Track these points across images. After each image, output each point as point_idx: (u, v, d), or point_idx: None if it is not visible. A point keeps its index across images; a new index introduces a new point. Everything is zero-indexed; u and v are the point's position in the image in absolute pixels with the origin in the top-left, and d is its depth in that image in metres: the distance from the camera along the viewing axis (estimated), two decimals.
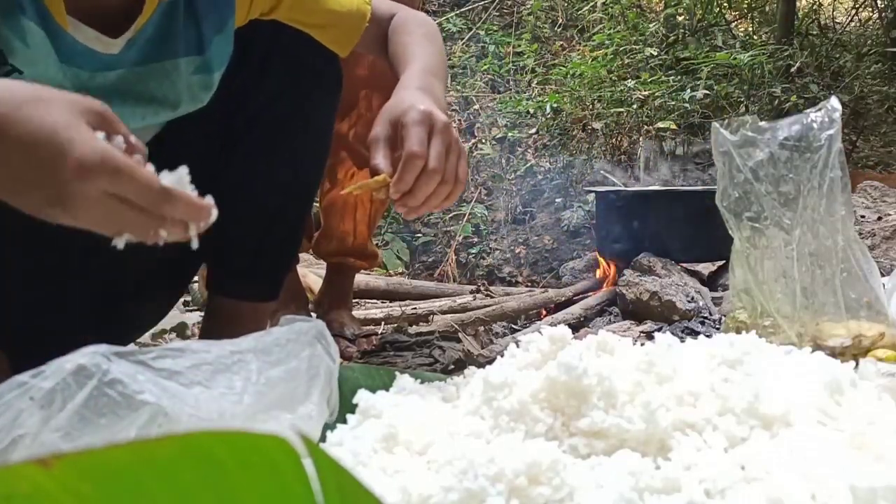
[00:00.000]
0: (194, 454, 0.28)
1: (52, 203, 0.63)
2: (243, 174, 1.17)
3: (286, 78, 1.16)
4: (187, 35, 1.01)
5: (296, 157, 1.20)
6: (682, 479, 0.56)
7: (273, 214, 1.21)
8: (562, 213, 3.29)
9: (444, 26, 4.11)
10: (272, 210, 1.20)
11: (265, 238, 1.21)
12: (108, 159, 0.62)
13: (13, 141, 0.62)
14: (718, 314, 1.91)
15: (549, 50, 4.16)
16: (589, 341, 0.73)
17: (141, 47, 0.98)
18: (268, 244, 1.22)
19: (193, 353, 0.66)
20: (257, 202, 1.18)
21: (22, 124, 0.62)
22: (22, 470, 0.26)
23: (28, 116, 0.63)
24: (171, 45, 1.00)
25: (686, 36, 3.82)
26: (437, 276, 3.19)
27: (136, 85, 0.99)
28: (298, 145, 1.20)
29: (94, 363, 0.61)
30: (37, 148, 0.62)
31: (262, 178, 1.18)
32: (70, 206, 0.62)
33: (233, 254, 1.20)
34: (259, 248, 1.21)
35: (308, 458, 0.28)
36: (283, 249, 1.29)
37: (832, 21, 4.54)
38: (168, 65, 1.01)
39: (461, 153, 0.93)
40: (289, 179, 1.21)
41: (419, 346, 1.64)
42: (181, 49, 1.01)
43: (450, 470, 0.57)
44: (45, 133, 0.62)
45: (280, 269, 1.28)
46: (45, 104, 0.64)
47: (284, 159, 1.19)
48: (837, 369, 0.70)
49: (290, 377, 0.70)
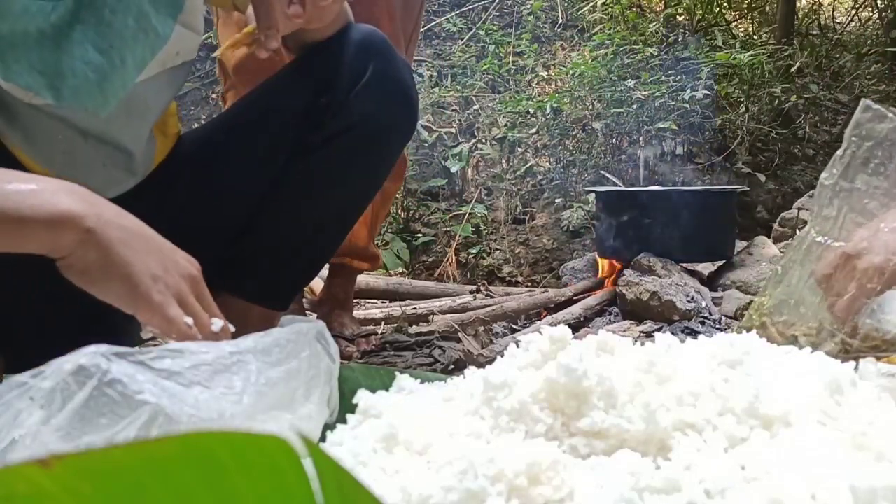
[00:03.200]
0: (194, 454, 0.28)
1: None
2: (301, 187, 1.18)
3: (371, 108, 1.16)
4: None
5: (355, 186, 1.22)
6: (682, 479, 0.56)
7: (314, 234, 1.22)
8: (562, 213, 3.29)
9: (444, 26, 4.11)
10: (315, 229, 1.21)
11: (300, 253, 1.22)
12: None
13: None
14: (718, 314, 1.91)
15: (549, 50, 4.16)
16: (589, 341, 0.73)
17: None
18: (299, 259, 1.23)
19: (193, 354, 0.66)
20: (304, 218, 1.19)
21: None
22: (22, 470, 0.26)
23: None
24: None
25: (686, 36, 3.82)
26: (437, 276, 3.19)
27: (90, 8, 0.95)
28: (360, 175, 1.22)
29: (94, 363, 0.61)
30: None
31: (317, 197, 1.19)
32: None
33: (262, 259, 1.20)
34: (290, 261, 1.22)
35: (308, 458, 0.28)
36: (312, 268, 1.30)
37: (832, 21, 4.54)
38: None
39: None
40: (341, 205, 1.22)
41: (419, 346, 1.64)
42: None
43: (450, 470, 0.57)
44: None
45: (302, 284, 1.29)
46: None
47: (344, 185, 1.20)
48: (837, 369, 0.70)
49: (290, 377, 0.70)
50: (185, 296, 0.78)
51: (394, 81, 1.17)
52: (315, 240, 1.23)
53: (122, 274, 0.74)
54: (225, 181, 1.18)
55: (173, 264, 0.79)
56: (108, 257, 0.74)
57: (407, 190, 3.40)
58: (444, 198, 3.48)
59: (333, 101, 1.13)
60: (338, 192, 1.20)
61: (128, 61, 0.98)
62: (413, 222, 3.38)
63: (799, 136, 3.63)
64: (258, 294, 1.19)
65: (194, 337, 0.75)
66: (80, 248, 0.73)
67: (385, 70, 1.15)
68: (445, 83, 3.87)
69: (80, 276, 0.74)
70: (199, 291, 0.81)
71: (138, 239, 0.77)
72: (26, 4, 0.89)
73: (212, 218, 1.19)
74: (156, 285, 0.75)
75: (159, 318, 0.75)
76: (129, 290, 0.74)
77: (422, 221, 3.40)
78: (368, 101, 1.16)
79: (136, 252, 0.76)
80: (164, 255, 0.79)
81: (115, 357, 0.62)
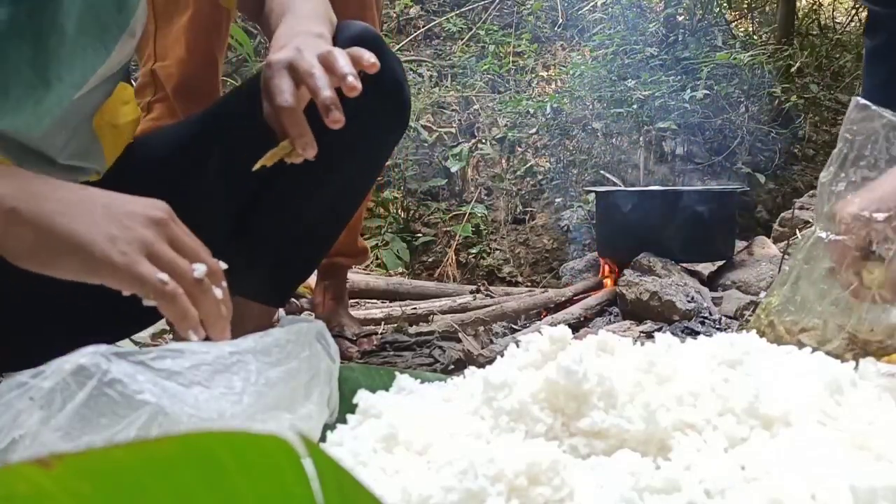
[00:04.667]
0: (194, 454, 0.28)
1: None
2: (296, 183, 1.16)
3: (364, 104, 1.15)
4: None
5: (352, 181, 1.21)
6: (682, 479, 0.56)
7: (311, 229, 1.21)
8: (562, 213, 3.29)
9: (444, 26, 4.11)
10: (312, 224, 1.21)
11: (297, 249, 1.22)
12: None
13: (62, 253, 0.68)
14: (718, 314, 1.91)
15: (549, 50, 4.16)
16: (589, 341, 0.73)
17: None
18: (298, 256, 1.23)
19: (193, 354, 0.66)
20: (300, 213, 1.18)
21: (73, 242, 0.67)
22: (22, 470, 0.26)
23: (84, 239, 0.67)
24: None
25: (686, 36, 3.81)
26: (437, 276, 3.19)
27: (29, 19, 0.90)
28: (356, 170, 1.21)
29: (94, 363, 0.61)
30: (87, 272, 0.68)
31: (312, 192, 1.18)
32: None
33: (260, 256, 1.20)
34: (286, 257, 1.21)
35: (308, 458, 0.28)
36: (309, 263, 1.30)
37: (832, 21, 4.54)
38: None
39: (328, 53, 0.88)
40: (336, 199, 1.21)
41: (419, 346, 1.64)
42: None
43: (450, 470, 0.57)
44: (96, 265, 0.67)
45: (299, 281, 1.29)
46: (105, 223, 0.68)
47: (341, 180, 1.19)
48: (837, 369, 0.70)
49: (290, 377, 0.70)
50: (154, 245, 0.69)
51: (389, 78, 1.17)
52: (312, 235, 1.23)
53: (69, 246, 0.68)
54: (214, 176, 1.17)
55: (129, 216, 0.70)
56: (48, 232, 0.67)
57: (407, 190, 3.40)
58: (444, 198, 3.48)
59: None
60: (332, 187, 1.20)
61: (65, 81, 0.95)
62: (413, 222, 3.38)
63: (799, 136, 3.63)
64: (255, 291, 1.20)
65: (174, 293, 0.68)
66: (12, 230, 0.67)
67: (380, 67, 1.15)
68: (445, 83, 3.87)
69: (29, 261, 0.69)
70: (172, 234, 0.71)
71: (79, 205, 0.70)
72: None
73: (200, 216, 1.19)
74: (114, 246, 0.67)
75: (129, 282, 0.67)
76: (84, 259, 0.67)
77: (422, 221, 3.40)
78: (361, 97, 1.16)
79: (78, 219, 0.69)
80: (116, 210, 0.70)
81: (115, 357, 0.62)
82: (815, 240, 1.06)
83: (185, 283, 0.69)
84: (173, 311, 0.68)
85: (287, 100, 0.86)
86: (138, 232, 0.69)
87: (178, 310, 0.68)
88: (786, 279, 1.09)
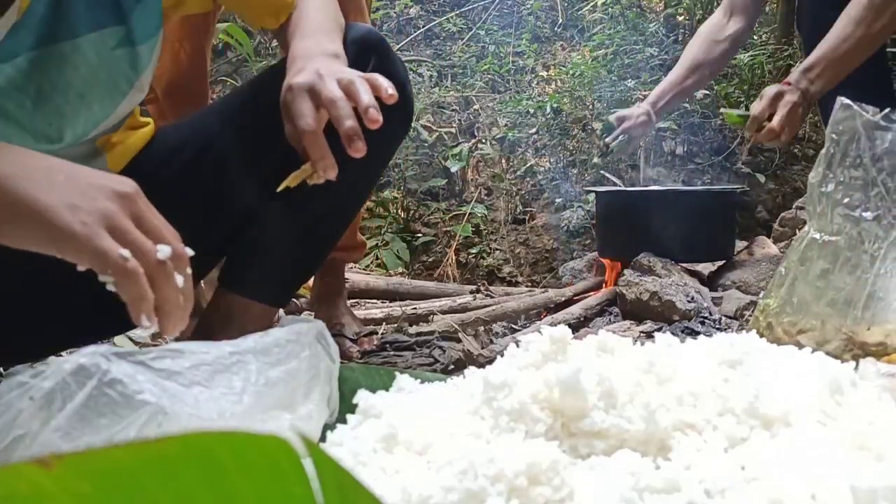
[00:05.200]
0: (194, 454, 0.28)
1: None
2: (301, 185, 1.16)
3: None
4: (98, 6, 0.93)
5: (355, 182, 1.20)
6: (682, 479, 0.56)
7: (313, 230, 1.21)
8: (562, 213, 3.29)
9: (444, 26, 4.11)
10: (317, 227, 1.21)
11: (299, 250, 1.22)
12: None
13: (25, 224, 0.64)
14: (718, 314, 1.91)
15: (549, 50, 4.16)
16: (589, 341, 0.73)
17: (33, 29, 0.88)
18: (301, 256, 1.23)
19: (193, 354, 0.66)
20: (306, 215, 1.18)
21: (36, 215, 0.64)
22: (22, 470, 0.26)
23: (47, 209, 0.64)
24: (68, 23, 0.91)
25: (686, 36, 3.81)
26: (437, 276, 3.19)
27: (33, 76, 0.90)
28: (359, 172, 1.20)
29: (94, 363, 0.61)
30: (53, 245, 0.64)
31: (317, 195, 1.18)
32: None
33: (261, 255, 1.19)
34: (292, 258, 1.22)
35: (308, 458, 0.28)
36: (311, 264, 1.30)
37: None
38: (66, 46, 0.91)
39: (350, 82, 0.88)
40: (341, 201, 1.22)
41: (419, 346, 1.64)
42: (82, 26, 0.92)
43: (450, 470, 0.57)
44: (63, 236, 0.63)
45: (301, 281, 1.29)
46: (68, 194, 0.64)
47: (344, 182, 1.18)
48: (837, 369, 0.71)
49: (290, 377, 0.70)
50: (116, 219, 0.65)
51: (392, 80, 1.17)
52: (315, 236, 1.23)
53: (29, 212, 0.63)
54: (219, 175, 1.18)
55: (94, 187, 0.66)
56: (5, 195, 0.63)
57: (407, 190, 3.40)
58: (444, 198, 3.48)
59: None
60: (335, 188, 1.20)
61: (66, 136, 0.95)
62: (413, 222, 3.38)
63: (799, 136, 3.63)
64: (256, 291, 1.20)
65: (135, 271, 0.63)
66: None
67: (384, 68, 1.15)
68: (445, 83, 3.86)
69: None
70: (138, 211, 0.67)
71: (43, 171, 0.66)
72: None
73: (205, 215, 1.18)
74: (76, 216, 0.63)
75: (88, 254, 0.63)
76: (44, 227, 0.63)
77: (422, 221, 3.40)
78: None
79: (41, 183, 0.65)
80: (81, 180, 0.67)
81: (115, 357, 0.62)
82: (809, 241, 1.07)
83: (147, 264, 0.64)
84: (131, 291, 0.63)
85: (310, 124, 0.88)
86: (101, 203, 0.65)
87: (137, 290, 0.63)
88: (782, 281, 1.09)
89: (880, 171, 1.02)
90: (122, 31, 0.95)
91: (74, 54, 0.92)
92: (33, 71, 0.90)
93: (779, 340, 1.04)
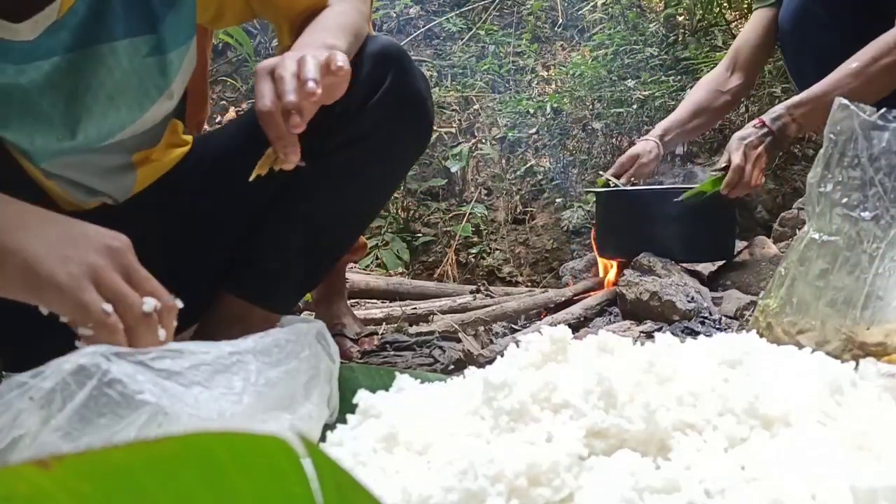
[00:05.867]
0: (194, 454, 0.28)
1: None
2: (310, 193, 1.15)
3: (388, 113, 1.13)
4: (133, 13, 0.94)
5: (364, 195, 1.20)
6: (682, 479, 0.56)
7: (321, 239, 1.20)
8: (562, 213, 3.29)
9: (444, 26, 4.11)
10: (323, 235, 1.20)
11: (305, 258, 1.20)
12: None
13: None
14: (718, 314, 1.91)
15: (549, 50, 4.16)
16: (589, 341, 0.73)
17: (73, 30, 0.89)
18: (305, 264, 1.22)
19: (192, 354, 0.66)
20: (312, 223, 1.17)
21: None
22: (22, 470, 0.26)
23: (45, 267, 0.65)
24: (106, 25, 0.92)
25: (686, 36, 3.81)
26: (437, 276, 3.19)
27: (69, 76, 0.91)
28: (376, 183, 1.19)
29: (94, 363, 0.61)
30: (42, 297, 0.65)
31: (325, 204, 1.17)
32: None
33: (266, 261, 1.19)
34: (295, 265, 1.21)
35: (308, 458, 0.28)
36: (316, 273, 1.29)
37: None
38: (104, 48, 0.92)
39: (302, 58, 0.86)
40: (349, 212, 1.21)
41: (419, 346, 1.64)
42: (119, 30, 0.93)
43: (450, 470, 0.57)
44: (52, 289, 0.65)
45: (306, 289, 1.27)
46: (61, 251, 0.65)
47: (353, 193, 1.17)
48: (837, 369, 0.70)
49: (290, 378, 0.70)
50: (103, 273, 0.65)
51: (411, 93, 1.16)
52: (321, 245, 1.21)
53: (17, 260, 0.64)
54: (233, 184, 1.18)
55: (84, 240, 0.67)
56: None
57: (407, 190, 3.40)
58: (444, 198, 3.48)
59: (349, 109, 1.12)
60: (346, 200, 1.19)
61: (91, 135, 0.96)
62: (413, 222, 3.38)
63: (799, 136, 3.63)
64: (260, 295, 1.19)
65: (115, 327, 0.64)
66: None
67: (403, 81, 1.14)
68: (445, 83, 3.86)
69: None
70: (125, 264, 0.68)
71: (37, 222, 0.67)
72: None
73: (218, 222, 1.18)
74: (63, 266, 0.64)
75: (70, 306, 0.64)
76: (30, 276, 0.64)
77: (422, 221, 3.40)
78: (384, 112, 1.14)
79: (32, 233, 0.66)
80: (71, 230, 0.68)
81: (115, 357, 0.62)
82: (808, 241, 1.07)
83: (130, 316, 0.66)
84: (108, 343, 0.65)
85: (266, 104, 0.85)
86: (91, 256, 0.66)
87: (113, 343, 0.65)
88: (782, 281, 1.09)
89: (877, 170, 1.02)
90: (153, 40, 0.96)
91: (111, 57, 0.93)
92: (70, 70, 0.91)
93: (779, 340, 1.04)
